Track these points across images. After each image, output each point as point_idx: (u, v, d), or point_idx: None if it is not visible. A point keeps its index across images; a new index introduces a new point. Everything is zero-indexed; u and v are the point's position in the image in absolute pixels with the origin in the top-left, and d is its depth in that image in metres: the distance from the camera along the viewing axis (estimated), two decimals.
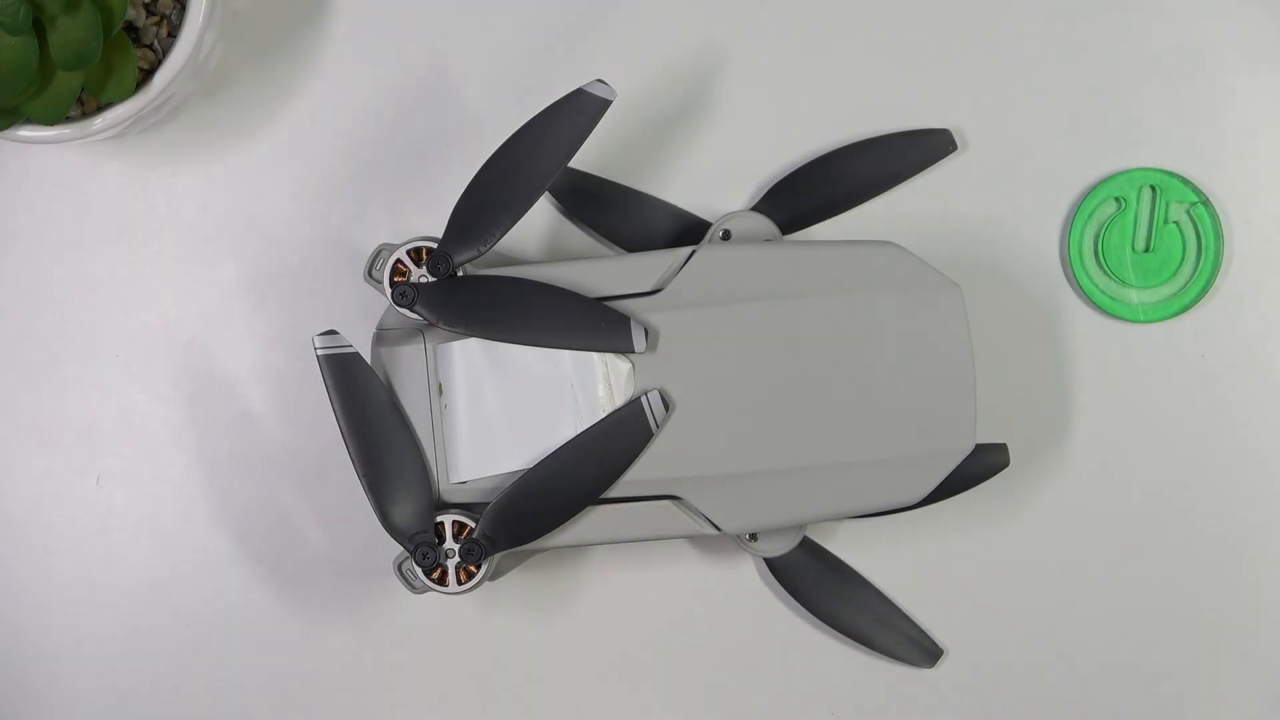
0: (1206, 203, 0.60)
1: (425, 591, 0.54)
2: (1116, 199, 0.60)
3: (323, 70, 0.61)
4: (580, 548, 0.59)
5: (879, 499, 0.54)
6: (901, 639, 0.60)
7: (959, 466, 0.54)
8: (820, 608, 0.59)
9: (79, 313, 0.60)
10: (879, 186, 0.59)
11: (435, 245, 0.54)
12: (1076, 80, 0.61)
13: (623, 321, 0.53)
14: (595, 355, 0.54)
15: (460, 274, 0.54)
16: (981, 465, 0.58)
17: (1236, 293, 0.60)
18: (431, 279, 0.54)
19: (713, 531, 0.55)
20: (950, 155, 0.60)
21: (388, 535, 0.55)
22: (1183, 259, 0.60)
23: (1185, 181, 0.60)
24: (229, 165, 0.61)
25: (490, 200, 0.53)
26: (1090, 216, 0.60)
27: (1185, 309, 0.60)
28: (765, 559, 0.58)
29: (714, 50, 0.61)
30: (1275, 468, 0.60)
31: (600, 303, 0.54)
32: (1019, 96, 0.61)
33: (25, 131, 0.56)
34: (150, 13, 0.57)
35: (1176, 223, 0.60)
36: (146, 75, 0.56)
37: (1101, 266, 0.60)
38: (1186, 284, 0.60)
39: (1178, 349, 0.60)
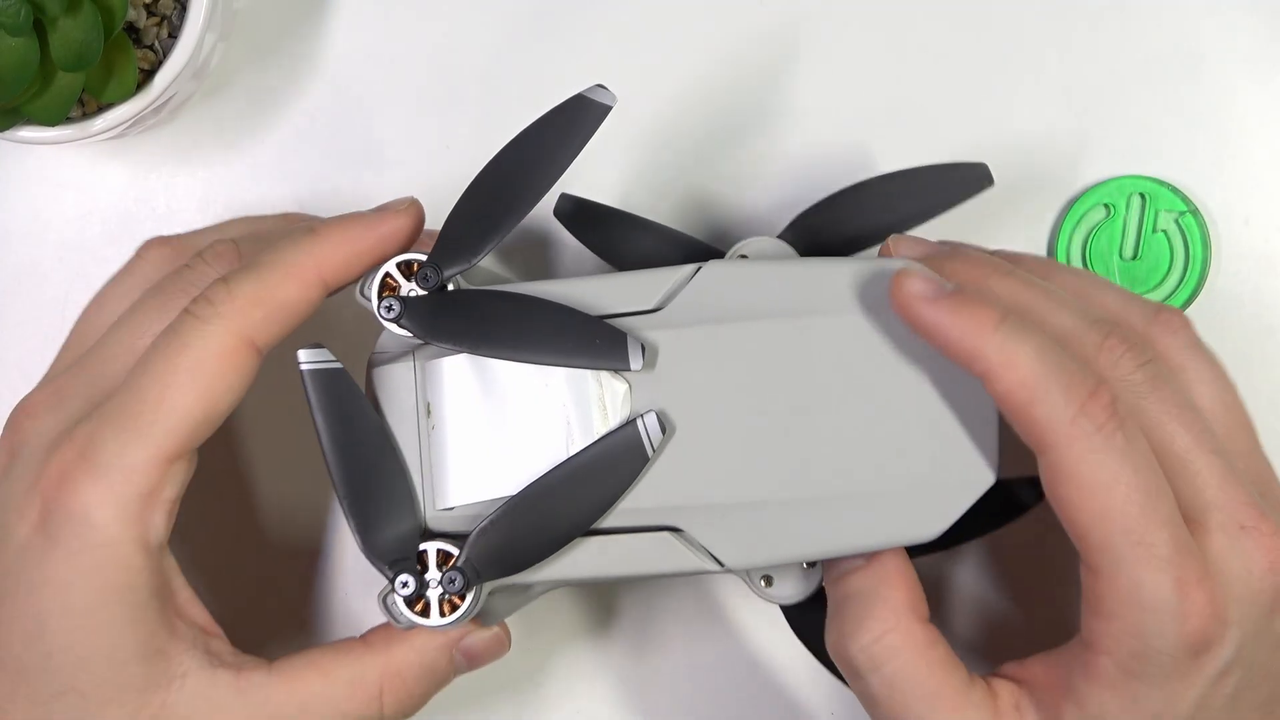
0: (1195, 212, 0.60)
1: (410, 626, 0.51)
2: (1105, 205, 0.60)
3: (323, 70, 0.61)
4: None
5: (894, 533, 0.50)
6: None
7: (982, 503, 0.51)
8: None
9: (79, 313, 0.61)
10: (912, 221, 0.56)
11: (425, 258, 0.52)
12: (1067, 87, 0.61)
13: (619, 337, 0.50)
14: (590, 374, 0.51)
15: (451, 288, 0.51)
16: (1008, 500, 0.56)
17: (1222, 303, 0.60)
18: (421, 293, 0.51)
19: (716, 568, 0.50)
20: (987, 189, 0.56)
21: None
22: (1169, 268, 0.60)
23: (1174, 190, 0.60)
24: (229, 165, 0.61)
25: (483, 210, 0.51)
26: (1079, 222, 0.60)
27: None
28: (781, 606, 0.55)
29: (733, 74, 0.61)
30: None
31: (596, 319, 0.51)
32: (1010, 101, 0.61)
33: (26, 132, 0.56)
34: (151, 13, 0.58)
35: (1164, 231, 0.60)
36: (147, 76, 0.57)
37: None
38: (1173, 293, 0.60)
39: None
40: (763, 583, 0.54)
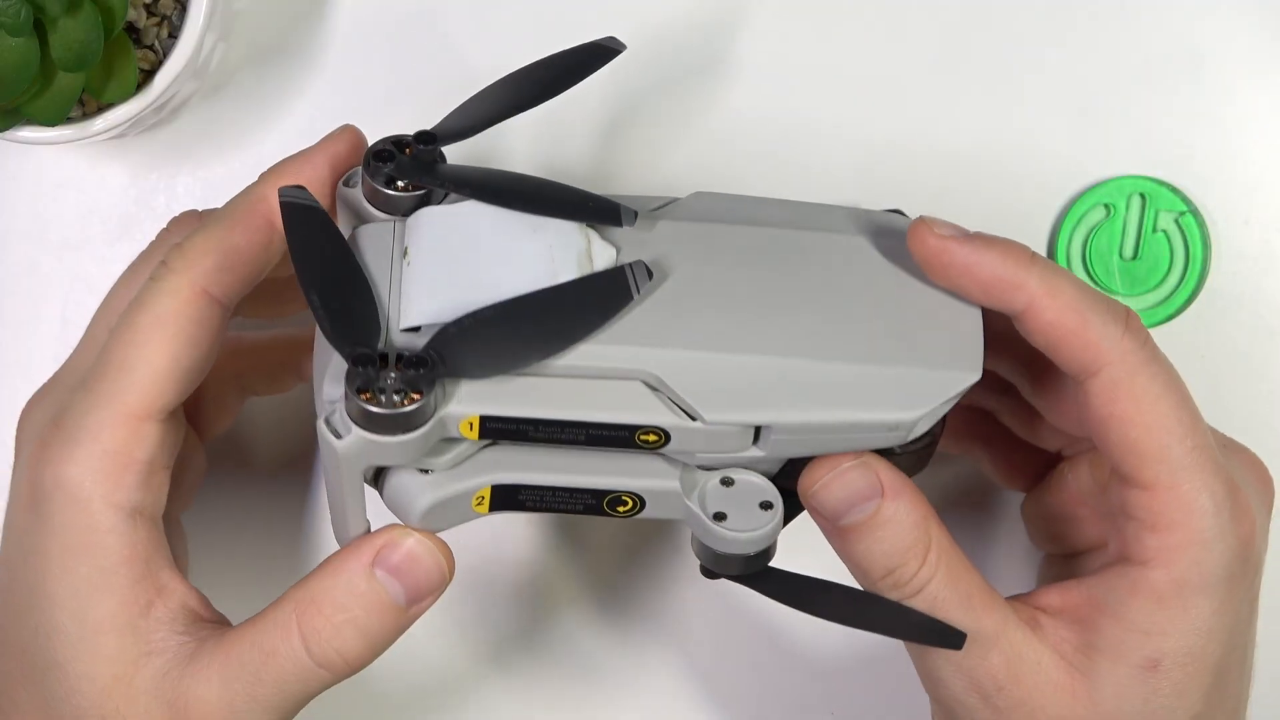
0: (1195, 212, 0.60)
1: (348, 437, 0.46)
2: (1105, 205, 0.60)
3: (323, 70, 0.62)
4: (573, 535, 0.59)
5: (876, 408, 0.49)
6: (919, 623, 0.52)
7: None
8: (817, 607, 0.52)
9: (79, 313, 0.61)
10: None
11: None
12: (1067, 87, 0.61)
13: (611, 203, 0.50)
14: (578, 233, 0.50)
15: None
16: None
17: (1222, 302, 0.60)
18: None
19: (689, 423, 0.48)
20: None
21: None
22: (1169, 268, 0.60)
23: (1174, 190, 0.60)
24: (229, 165, 0.61)
25: (486, 103, 0.52)
26: (1079, 222, 0.60)
27: (1170, 318, 0.60)
28: (741, 578, 0.50)
29: (727, 76, 0.61)
30: None
31: (588, 191, 0.51)
32: (1010, 101, 0.61)
33: (26, 132, 0.56)
34: (151, 13, 0.58)
35: (1164, 231, 0.60)
36: (147, 76, 0.57)
37: (1088, 272, 0.60)
38: (1173, 293, 0.60)
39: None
40: (714, 519, 0.49)
